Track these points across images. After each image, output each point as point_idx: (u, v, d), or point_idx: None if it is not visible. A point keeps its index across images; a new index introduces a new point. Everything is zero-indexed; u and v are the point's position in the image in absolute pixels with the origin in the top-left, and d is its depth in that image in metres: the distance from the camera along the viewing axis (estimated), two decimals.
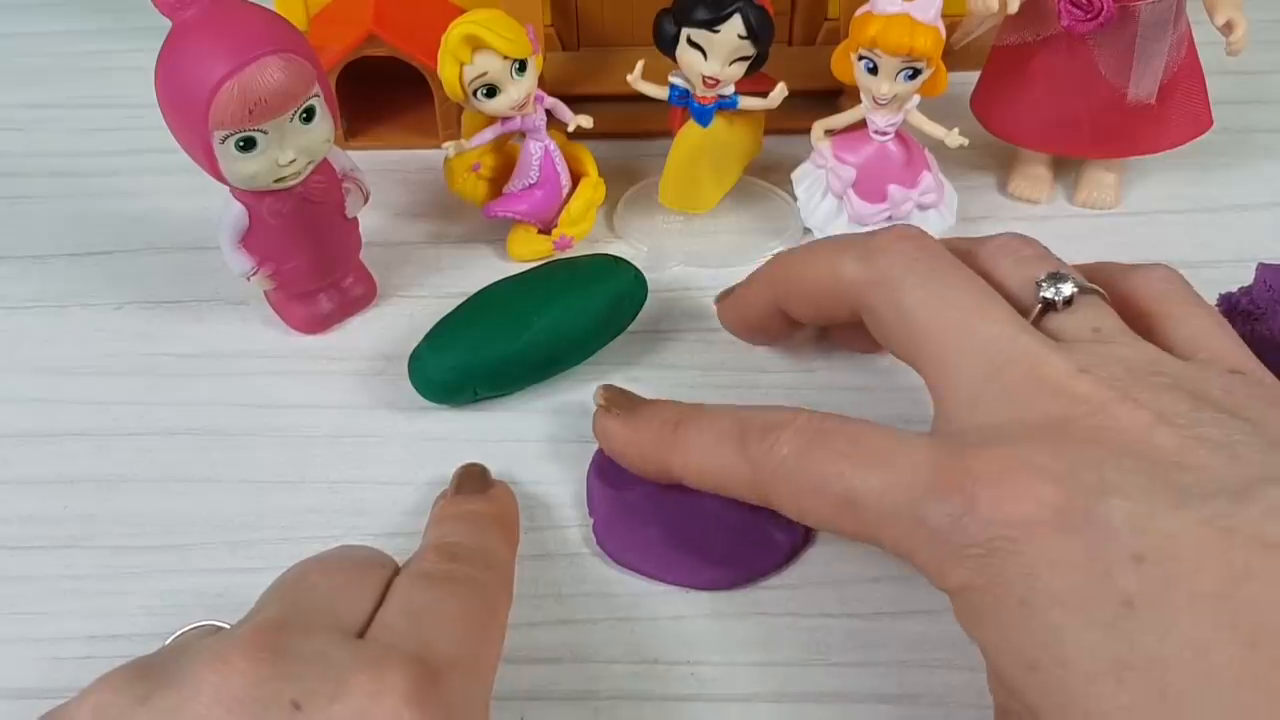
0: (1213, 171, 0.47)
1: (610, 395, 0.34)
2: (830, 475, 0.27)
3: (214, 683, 0.23)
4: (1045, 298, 0.28)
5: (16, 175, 0.49)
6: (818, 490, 0.27)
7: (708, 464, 0.30)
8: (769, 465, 0.28)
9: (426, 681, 0.23)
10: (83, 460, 0.37)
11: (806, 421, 0.28)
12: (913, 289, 0.29)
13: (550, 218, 0.43)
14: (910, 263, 0.30)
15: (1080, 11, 0.40)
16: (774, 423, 0.29)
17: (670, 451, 0.31)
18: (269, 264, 0.38)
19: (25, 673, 0.31)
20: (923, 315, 0.29)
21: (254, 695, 0.22)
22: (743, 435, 0.29)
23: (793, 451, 0.28)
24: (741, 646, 0.31)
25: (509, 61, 0.39)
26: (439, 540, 0.30)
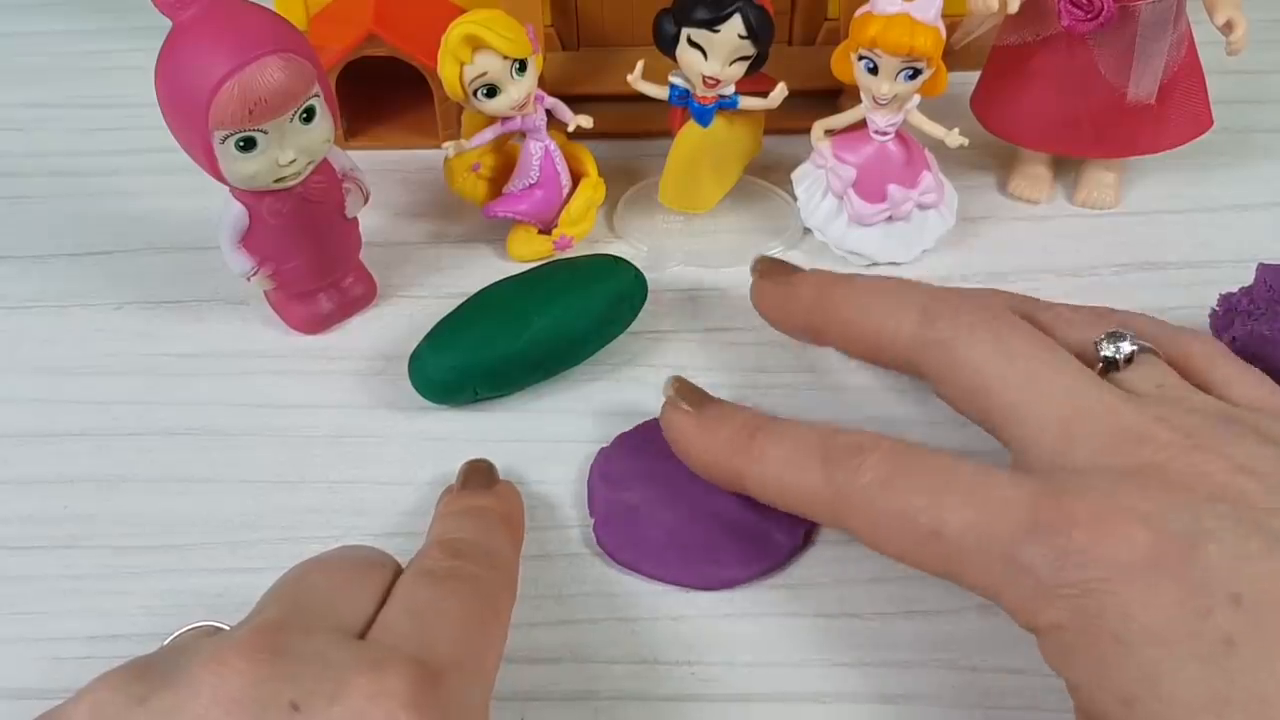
0: (1213, 171, 0.47)
1: (681, 388, 0.33)
2: (917, 506, 0.27)
3: (212, 683, 0.22)
4: (1106, 356, 0.29)
5: (16, 175, 0.49)
6: (902, 520, 0.27)
7: (786, 479, 0.30)
8: (852, 489, 0.28)
9: (426, 684, 0.23)
10: (83, 460, 0.37)
11: (891, 447, 0.28)
12: (978, 345, 0.29)
13: (550, 218, 0.43)
14: (973, 323, 0.30)
15: (1080, 11, 0.40)
16: (859, 445, 0.28)
17: (745, 459, 0.30)
18: (269, 264, 0.38)
19: (25, 673, 0.31)
20: (991, 371, 0.29)
21: (252, 696, 0.22)
22: (825, 454, 0.29)
23: (877, 478, 0.27)
24: (741, 646, 0.31)
25: (509, 61, 0.39)
26: (443, 536, 0.30)
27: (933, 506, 0.26)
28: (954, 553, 0.26)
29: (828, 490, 0.28)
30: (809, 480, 0.29)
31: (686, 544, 0.33)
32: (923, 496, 0.27)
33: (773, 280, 0.36)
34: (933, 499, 0.26)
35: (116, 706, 0.23)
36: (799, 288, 0.35)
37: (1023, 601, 0.25)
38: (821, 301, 0.34)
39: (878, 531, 0.28)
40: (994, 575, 0.25)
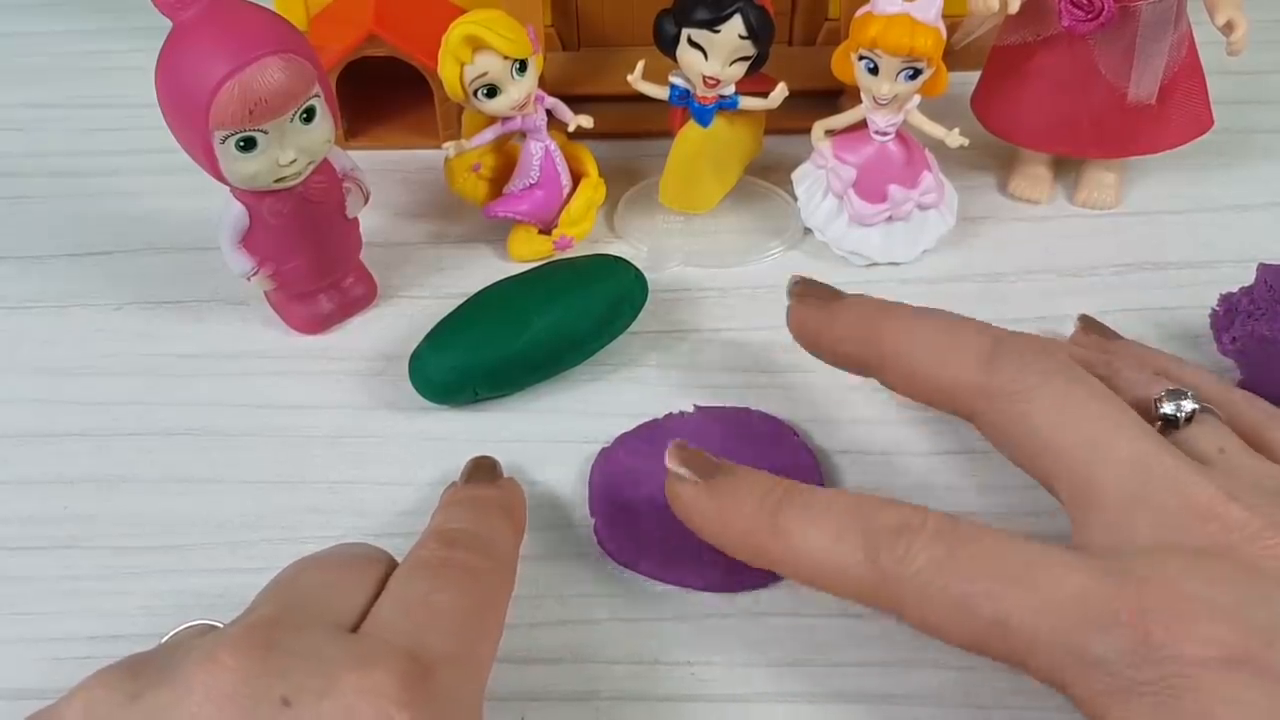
0: (1213, 171, 0.47)
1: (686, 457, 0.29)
2: (978, 594, 0.25)
3: (204, 681, 0.22)
4: (1166, 414, 0.28)
5: (16, 175, 0.49)
6: (961, 609, 0.25)
7: (824, 562, 0.27)
8: (902, 576, 0.26)
9: (416, 679, 0.23)
10: (83, 460, 0.37)
11: (939, 525, 0.26)
12: (1043, 401, 0.28)
13: (550, 218, 0.43)
14: (1041, 375, 0.28)
15: (1081, 11, 0.40)
16: (904, 525, 0.26)
17: (771, 538, 0.27)
18: (269, 264, 0.38)
19: (25, 673, 0.31)
20: (1054, 432, 0.28)
21: (244, 692, 0.22)
22: (868, 535, 0.26)
23: (930, 562, 0.25)
24: (741, 646, 0.31)
25: (509, 61, 0.39)
26: (440, 526, 0.29)
27: (995, 595, 0.25)
28: (1023, 644, 0.25)
29: (873, 575, 0.26)
30: (850, 564, 0.26)
31: (687, 544, 0.33)
32: (982, 583, 0.25)
33: (811, 305, 0.34)
34: (993, 586, 0.25)
35: (110, 704, 0.23)
36: (841, 314, 0.33)
37: (1095, 696, 0.24)
38: (866, 333, 0.32)
39: (934, 620, 0.26)
40: (1063, 667, 0.24)
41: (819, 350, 0.34)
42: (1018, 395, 0.28)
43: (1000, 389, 0.29)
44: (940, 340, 0.30)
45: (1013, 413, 0.28)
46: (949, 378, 0.30)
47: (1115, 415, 0.27)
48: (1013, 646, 0.25)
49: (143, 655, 0.25)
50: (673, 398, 0.38)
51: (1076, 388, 0.28)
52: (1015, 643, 0.25)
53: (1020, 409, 0.28)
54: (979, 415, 0.29)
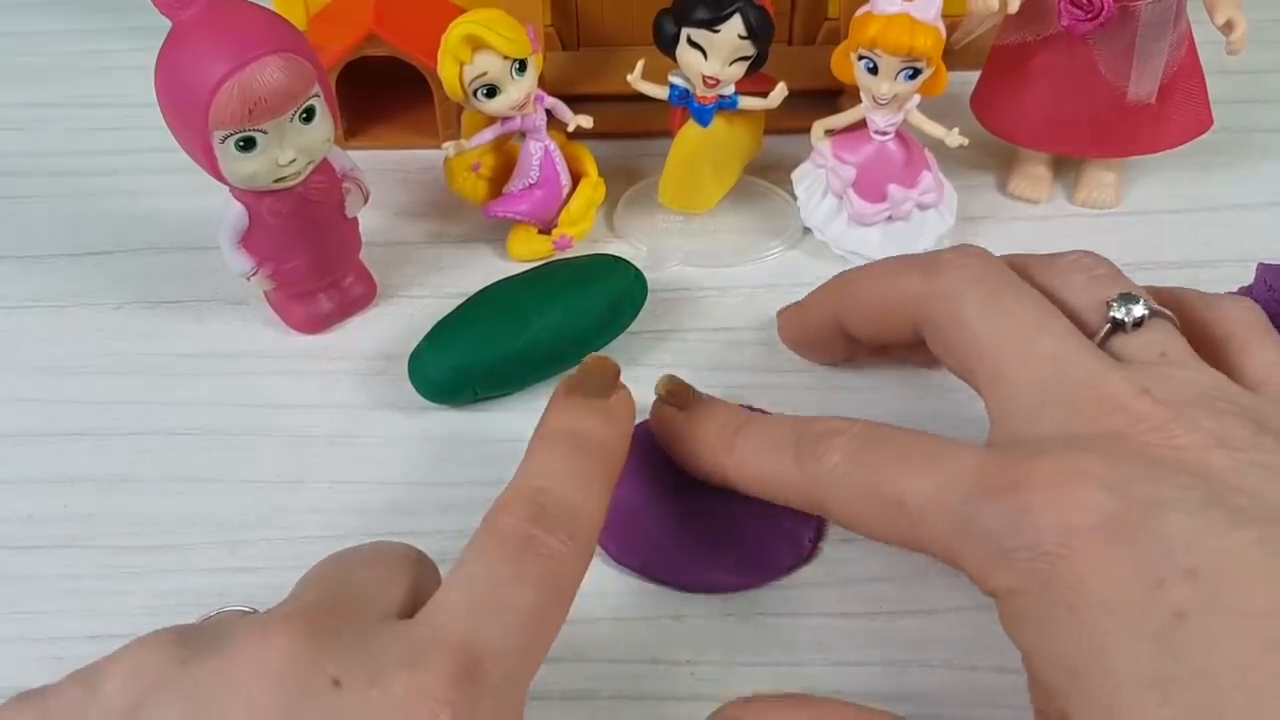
0: (1213, 171, 0.47)
1: (671, 386, 0.34)
2: (881, 479, 0.27)
3: (255, 654, 0.22)
4: (1115, 318, 0.29)
5: (16, 175, 0.49)
6: (868, 495, 0.27)
7: (762, 469, 0.30)
8: (821, 472, 0.28)
9: (466, 676, 0.23)
10: (83, 460, 0.37)
11: (861, 430, 0.28)
12: (974, 303, 0.29)
13: (550, 218, 0.43)
14: (973, 278, 0.30)
15: (1080, 11, 0.40)
16: (828, 430, 0.29)
17: (726, 454, 0.31)
18: (269, 264, 0.38)
19: (25, 673, 0.31)
20: (982, 329, 0.29)
21: (295, 670, 0.22)
22: (797, 442, 0.29)
23: (844, 457, 0.28)
24: (741, 646, 0.31)
25: (509, 61, 0.39)
26: (531, 485, 0.27)
27: (895, 478, 0.27)
28: (916, 521, 0.26)
29: (800, 475, 0.29)
30: (783, 468, 0.29)
31: (686, 545, 0.33)
32: (887, 468, 0.27)
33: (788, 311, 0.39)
34: (896, 470, 0.27)
35: (158, 666, 0.23)
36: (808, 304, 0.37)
37: (980, 565, 0.25)
38: (833, 292, 0.36)
39: (849, 510, 0.28)
40: (954, 539, 0.25)
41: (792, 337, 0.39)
42: (952, 296, 0.30)
43: (937, 292, 0.31)
44: (891, 268, 0.33)
45: (948, 313, 0.30)
46: (893, 292, 0.32)
47: (1038, 315, 0.29)
48: (911, 524, 0.26)
49: (187, 626, 0.25)
50: None
51: (1007, 291, 0.30)
52: (913, 520, 0.26)
53: (954, 309, 0.30)
54: (924, 324, 0.31)
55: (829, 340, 0.37)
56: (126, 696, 0.23)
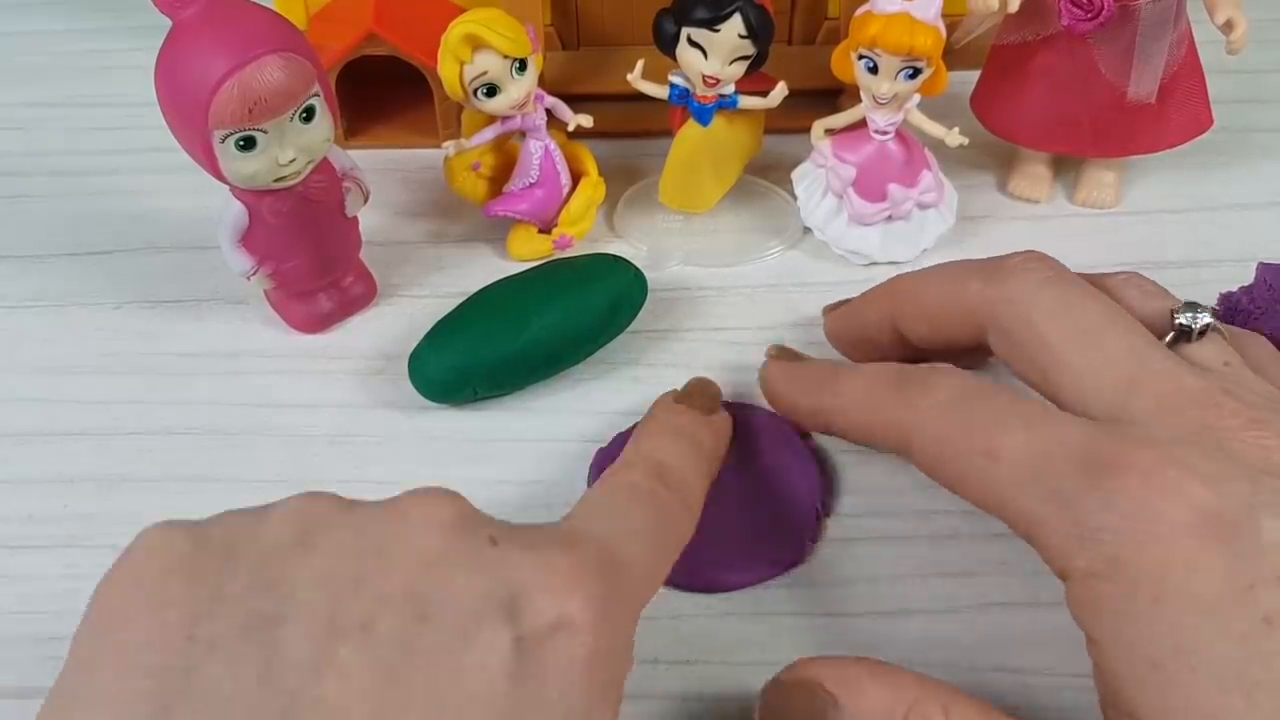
0: (1213, 171, 0.47)
1: (781, 349, 0.36)
2: (978, 424, 0.27)
3: (421, 508, 0.24)
4: (1181, 324, 0.29)
5: (16, 175, 0.49)
6: (961, 439, 0.27)
7: (861, 401, 0.31)
8: (920, 406, 0.28)
9: (610, 566, 0.24)
10: (83, 460, 0.37)
11: (967, 377, 0.29)
12: (1043, 304, 0.29)
13: (550, 217, 0.43)
14: (1040, 281, 0.30)
15: (1080, 11, 0.40)
16: (936, 371, 0.29)
17: (828, 389, 0.32)
18: (269, 263, 0.38)
19: (25, 673, 0.31)
20: (1053, 328, 0.29)
21: (458, 524, 0.24)
22: (901, 378, 0.30)
23: (948, 397, 0.28)
24: (741, 646, 0.31)
25: (509, 60, 0.39)
26: (654, 454, 0.30)
27: (993, 427, 0.26)
28: (1004, 476, 0.26)
29: (897, 409, 0.29)
30: (882, 400, 0.30)
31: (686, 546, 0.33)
32: (987, 415, 0.27)
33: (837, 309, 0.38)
34: (995, 421, 0.27)
35: (323, 509, 0.24)
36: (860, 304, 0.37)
37: (1062, 540, 0.24)
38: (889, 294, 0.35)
39: (938, 452, 0.28)
40: (1038, 507, 0.25)
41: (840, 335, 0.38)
42: (1021, 300, 0.30)
43: (1004, 296, 0.30)
44: (954, 271, 0.33)
45: (1016, 317, 0.30)
46: (956, 295, 0.32)
47: (1113, 314, 0.29)
48: (998, 480, 0.26)
49: None
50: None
51: (1075, 291, 0.29)
52: (1000, 475, 0.26)
53: (1024, 313, 0.29)
54: (991, 328, 0.31)
55: (879, 341, 0.36)
56: (296, 525, 0.24)
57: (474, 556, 0.23)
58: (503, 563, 0.23)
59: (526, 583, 0.23)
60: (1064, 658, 0.30)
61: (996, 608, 0.32)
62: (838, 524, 0.34)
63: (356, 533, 0.24)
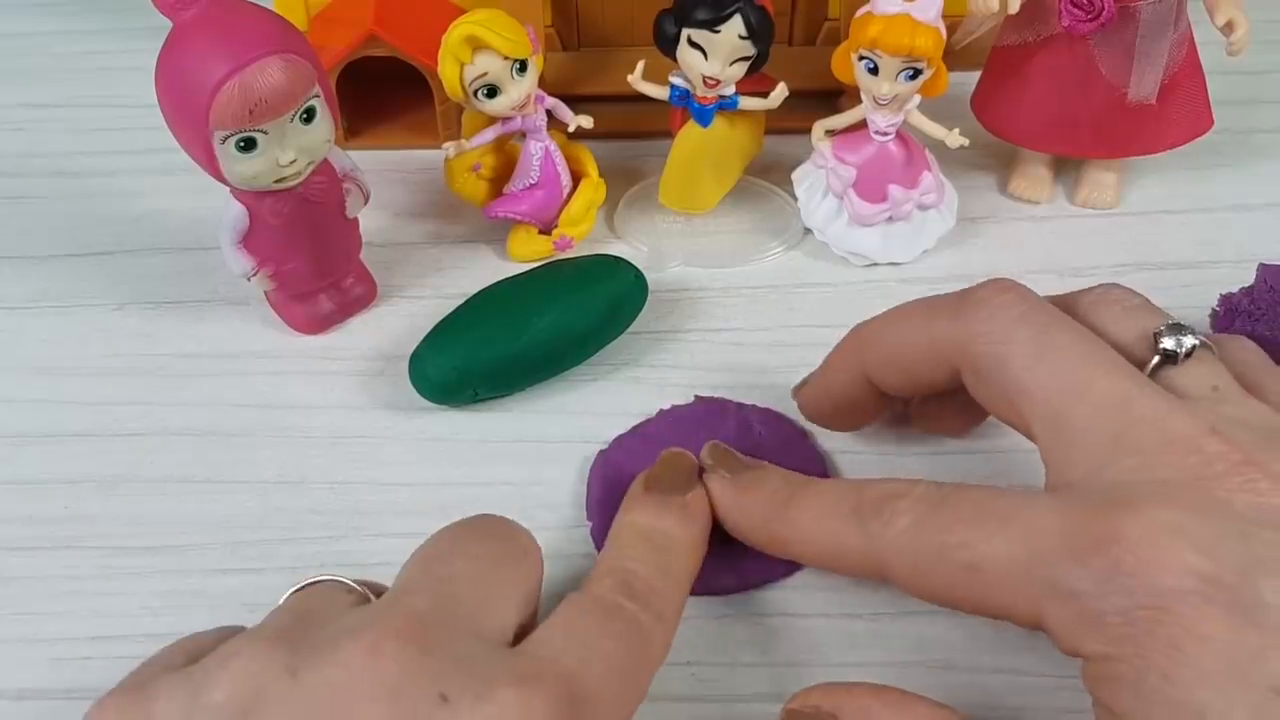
0: (1213, 171, 0.47)
1: (718, 455, 0.32)
2: (952, 543, 0.26)
3: (366, 666, 0.23)
4: (1165, 349, 0.27)
5: (16, 175, 0.49)
6: (938, 559, 0.26)
7: (821, 536, 0.29)
8: (886, 537, 0.27)
9: (572, 702, 0.23)
10: (83, 460, 0.37)
11: (925, 490, 0.27)
12: (1020, 343, 0.28)
13: (550, 218, 0.43)
14: (1015, 317, 0.28)
15: (1081, 12, 0.40)
16: (891, 493, 0.28)
17: (781, 523, 0.30)
18: (269, 264, 0.38)
19: (25, 673, 0.31)
20: (1031, 371, 0.27)
21: (405, 685, 0.23)
22: (858, 508, 0.28)
23: (912, 521, 0.27)
24: (741, 646, 0.31)
25: (509, 61, 0.39)
26: (621, 565, 0.28)
27: (970, 542, 0.25)
28: (994, 585, 0.25)
29: (862, 542, 0.27)
30: (844, 536, 0.28)
31: None
32: (958, 533, 0.26)
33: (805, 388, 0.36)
34: (967, 534, 0.25)
35: (267, 677, 0.23)
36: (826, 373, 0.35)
37: (1068, 628, 0.24)
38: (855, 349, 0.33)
39: (918, 577, 0.27)
40: (1037, 603, 0.24)
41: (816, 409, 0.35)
42: (991, 335, 0.28)
43: (974, 333, 0.29)
44: (918, 311, 0.31)
45: (989, 354, 0.28)
46: (925, 336, 0.30)
47: (1092, 352, 0.27)
48: (988, 589, 0.25)
49: (284, 623, 0.25)
50: (673, 398, 0.38)
51: (1052, 328, 0.28)
52: (989, 584, 0.25)
53: (997, 350, 0.28)
54: (964, 368, 0.29)
55: (858, 403, 0.34)
56: (234, 707, 0.23)
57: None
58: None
59: None
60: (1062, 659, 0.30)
61: None
62: None
63: (298, 712, 0.22)
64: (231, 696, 0.23)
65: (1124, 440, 0.25)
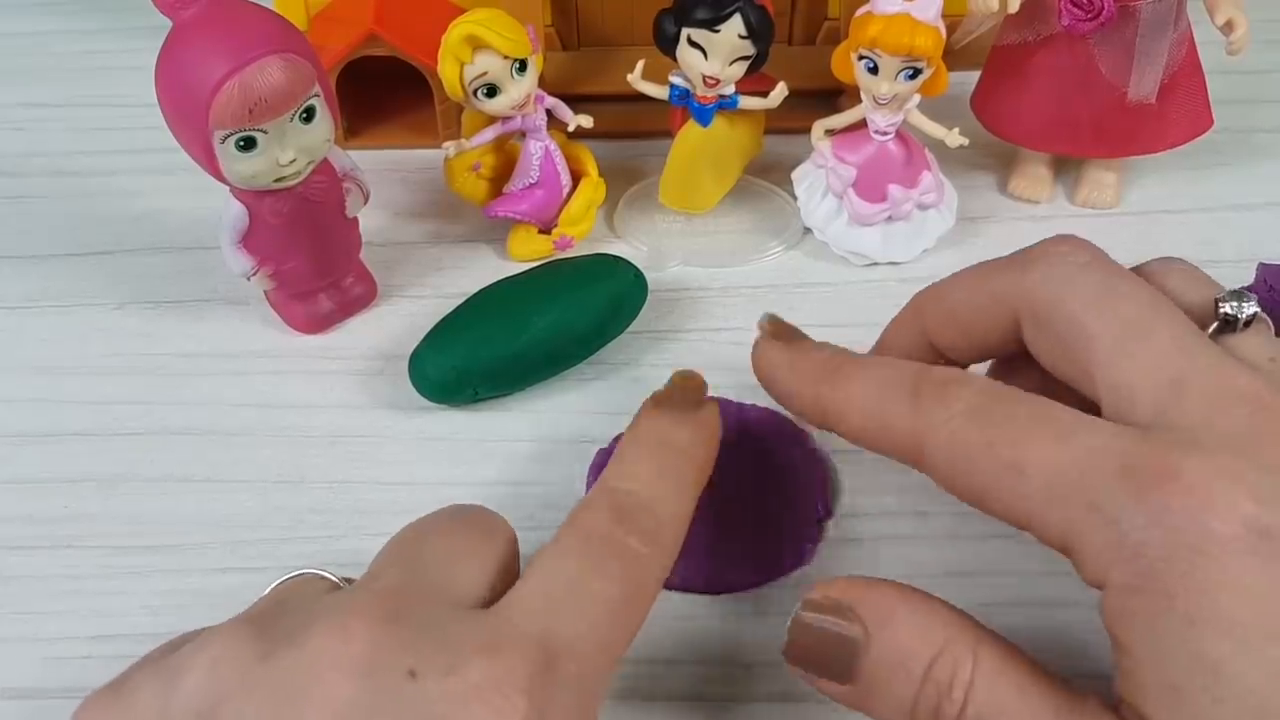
0: (1213, 171, 0.47)
1: (775, 323, 0.31)
2: (1003, 440, 0.25)
3: (334, 648, 0.23)
4: (1226, 314, 0.27)
5: (16, 175, 0.49)
6: (984, 453, 0.25)
7: (869, 407, 0.27)
8: (938, 419, 0.26)
9: (542, 668, 0.23)
10: (83, 460, 0.37)
11: (986, 384, 0.26)
12: (1083, 290, 0.27)
13: (550, 217, 0.43)
14: (1078, 265, 0.28)
15: (1081, 11, 0.40)
16: (955, 378, 0.27)
17: (831, 386, 0.28)
18: (269, 264, 0.38)
19: (25, 673, 0.31)
20: (1095, 317, 0.26)
21: (373, 662, 0.22)
22: (917, 385, 0.27)
23: (969, 408, 0.26)
24: (741, 646, 0.31)
25: (509, 61, 0.39)
26: (617, 486, 0.28)
27: (1018, 441, 0.25)
28: (1033, 492, 0.24)
29: (910, 419, 0.26)
30: (893, 409, 0.27)
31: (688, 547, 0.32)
32: (1011, 431, 0.25)
33: None
34: (1023, 434, 0.25)
35: (237, 663, 0.23)
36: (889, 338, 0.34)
37: (1099, 552, 0.23)
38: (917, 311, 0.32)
39: (955, 467, 0.26)
40: (1072, 521, 0.24)
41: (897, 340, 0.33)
42: (1053, 285, 0.27)
43: (1035, 284, 0.28)
44: (980, 268, 0.30)
45: (1051, 305, 0.27)
46: (986, 293, 0.29)
47: (1157, 302, 0.27)
48: (1026, 495, 0.24)
49: (258, 613, 0.25)
50: None
51: (1115, 276, 0.27)
52: (1029, 491, 0.24)
53: (1059, 296, 0.27)
54: (1026, 321, 0.28)
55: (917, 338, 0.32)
56: (205, 695, 0.23)
57: (390, 702, 0.22)
58: (421, 700, 0.22)
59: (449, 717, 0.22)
60: (1061, 658, 0.30)
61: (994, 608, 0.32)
62: (838, 524, 0.34)
63: (269, 693, 0.22)
64: (205, 682, 0.23)
65: (1187, 387, 0.25)
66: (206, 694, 0.23)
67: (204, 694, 0.23)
